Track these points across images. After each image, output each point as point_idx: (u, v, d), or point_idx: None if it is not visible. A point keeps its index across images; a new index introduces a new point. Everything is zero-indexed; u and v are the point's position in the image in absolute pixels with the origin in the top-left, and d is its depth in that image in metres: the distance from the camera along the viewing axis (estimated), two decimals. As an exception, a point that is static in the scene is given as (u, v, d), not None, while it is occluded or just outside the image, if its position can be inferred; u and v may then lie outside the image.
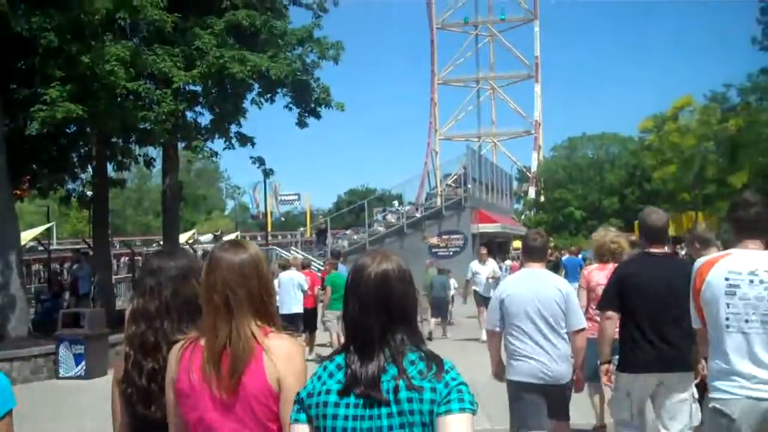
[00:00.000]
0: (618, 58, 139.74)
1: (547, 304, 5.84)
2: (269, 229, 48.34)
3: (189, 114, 20.68)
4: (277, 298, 14.79)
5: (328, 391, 2.58)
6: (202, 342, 2.78)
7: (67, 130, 19.71)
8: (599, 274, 7.33)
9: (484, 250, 19.25)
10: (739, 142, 23.20)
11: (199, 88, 20.06)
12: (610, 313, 5.73)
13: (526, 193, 68.34)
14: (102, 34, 17.04)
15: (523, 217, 59.71)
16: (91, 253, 23.01)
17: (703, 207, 27.78)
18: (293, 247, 39.41)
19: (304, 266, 17.15)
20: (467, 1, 75.42)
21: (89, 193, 23.48)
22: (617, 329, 5.77)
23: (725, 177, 23.58)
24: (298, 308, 15.12)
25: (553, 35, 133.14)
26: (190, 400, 2.77)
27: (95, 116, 17.38)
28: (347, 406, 2.54)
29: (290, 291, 15.12)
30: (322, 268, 19.08)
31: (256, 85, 20.29)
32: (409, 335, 2.62)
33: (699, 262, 4.42)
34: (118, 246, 44.02)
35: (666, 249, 6.06)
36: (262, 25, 19.45)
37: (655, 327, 5.54)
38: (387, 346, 2.57)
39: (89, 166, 22.28)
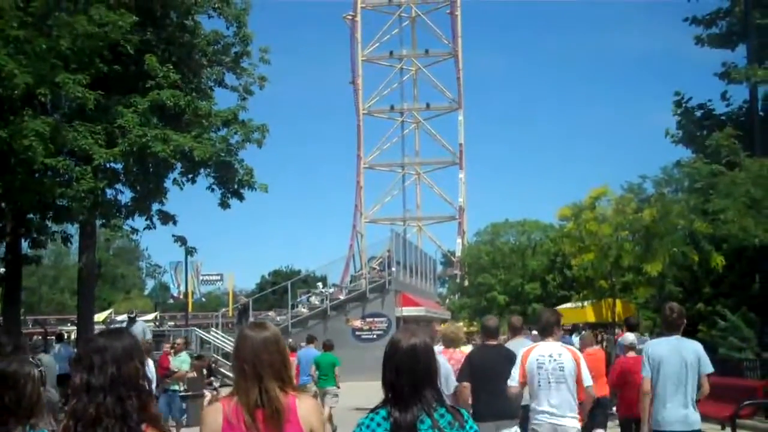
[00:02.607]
0: (539, 147, 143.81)
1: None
2: (190, 310, 47.38)
3: (109, 191, 20.39)
4: None
5: None
6: (235, 399, 3.50)
7: (-20, 205, 19.17)
8: (442, 358, 9.01)
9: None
10: (654, 232, 23.78)
11: (120, 166, 19.82)
12: (465, 383, 8.55)
13: (450, 277, 68.68)
14: (21, 109, 16.81)
15: (447, 301, 59.88)
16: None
17: (620, 294, 28.27)
18: (213, 329, 38.60)
19: (293, 349, 18.94)
20: (393, 89, 77.10)
21: (1, 269, 22.73)
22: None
23: (641, 265, 24.07)
24: None
25: (477, 124, 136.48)
26: None
27: (11, 191, 16.99)
28: None
29: None
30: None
31: (179, 165, 20.14)
32: (435, 393, 3.48)
33: (523, 348, 8.11)
34: (30, 325, 42.56)
35: (497, 341, 9.38)
36: (186, 106, 19.43)
37: (490, 390, 8.31)
38: (418, 401, 3.41)
39: (2, 243, 21.62)
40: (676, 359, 7.48)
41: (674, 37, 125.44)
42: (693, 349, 7.62)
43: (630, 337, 11.72)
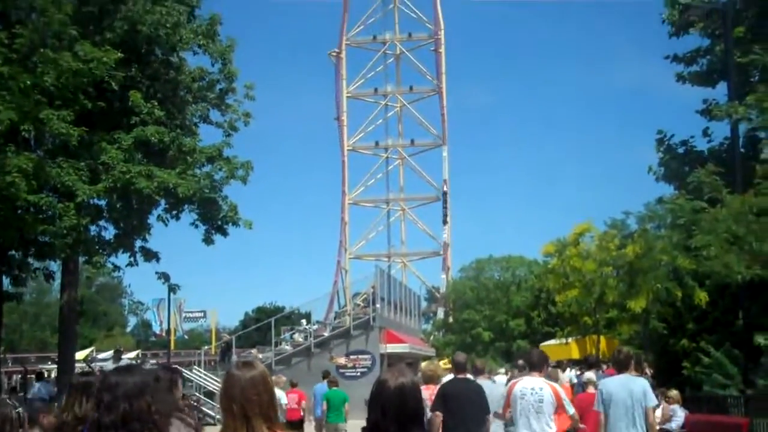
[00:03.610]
0: (523, 183, 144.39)
1: None
2: (172, 348, 46.94)
3: (92, 228, 20.26)
4: None
5: None
6: None
7: (-39, 242, 18.99)
8: (425, 393, 9.83)
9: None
10: (638, 268, 23.84)
11: (103, 203, 19.74)
12: (437, 412, 9.48)
13: (435, 313, 68.45)
14: (4, 144, 16.73)
15: (432, 337, 59.66)
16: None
17: (604, 331, 28.27)
18: (196, 367, 38.20)
19: (293, 384, 19.67)
20: (378, 126, 77.47)
21: (-19, 307, 22.47)
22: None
23: (625, 302, 24.10)
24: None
25: (462, 159, 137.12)
26: None
27: (-8, 228, 16.83)
28: None
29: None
30: None
31: (163, 201, 20.09)
32: None
33: (510, 383, 10.16)
34: (10, 363, 42.05)
35: (467, 375, 10.68)
36: (171, 142, 19.43)
37: (460, 418, 9.41)
38: None
39: (-18, 280, 21.40)
40: (625, 394, 9.07)
41: (657, 74, 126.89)
42: (639, 384, 9.27)
43: (587, 374, 13.77)
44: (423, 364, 13.87)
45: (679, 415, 16.42)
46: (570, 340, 30.97)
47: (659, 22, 27.29)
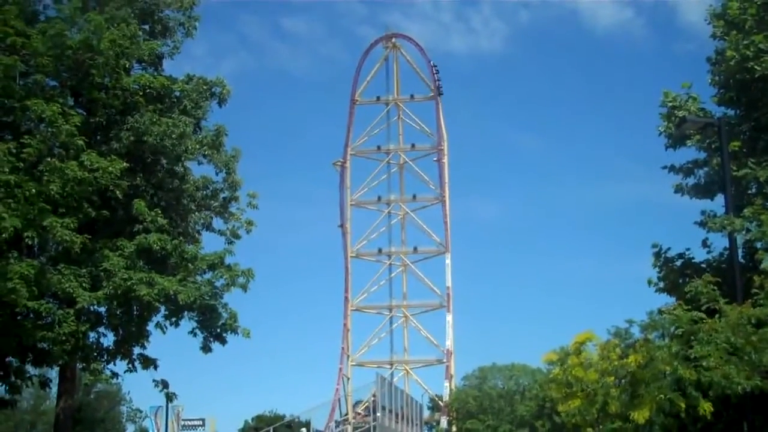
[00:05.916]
0: (528, 290, 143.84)
1: None
2: (169, 457, 46.03)
3: (91, 335, 20.24)
4: None
5: None
6: None
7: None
8: None
9: None
10: (640, 379, 23.55)
11: (103, 309, 19.79)
12: None
13: (437, 422, 67.25)
14: (7, 251, 16.93)
15: (434, 448, 58.52)
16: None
17: (609, 442, 27.70)
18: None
19: None
20: (381, 233, 78.06)
21: (-24, 414, 22.29)
22: None
23: (628, 412, 23.72)
24: None
25: (465, 267, 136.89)
26: None
27: (-10, 335, 16.86)
28: None
29: None
30: None
31: (163, 308, 20.13)
32: None
33: None
34: (3, 472, 41.21)
35: None
36: (173, 249, 19.60)
37: None
38: None
39: (-22, 386, 21.27)
40: None
41: (657, 185, 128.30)
42: None
43: None
44: None
45: None
46: (574, 452, 30.30)
47: (656, 135, 27.76)
